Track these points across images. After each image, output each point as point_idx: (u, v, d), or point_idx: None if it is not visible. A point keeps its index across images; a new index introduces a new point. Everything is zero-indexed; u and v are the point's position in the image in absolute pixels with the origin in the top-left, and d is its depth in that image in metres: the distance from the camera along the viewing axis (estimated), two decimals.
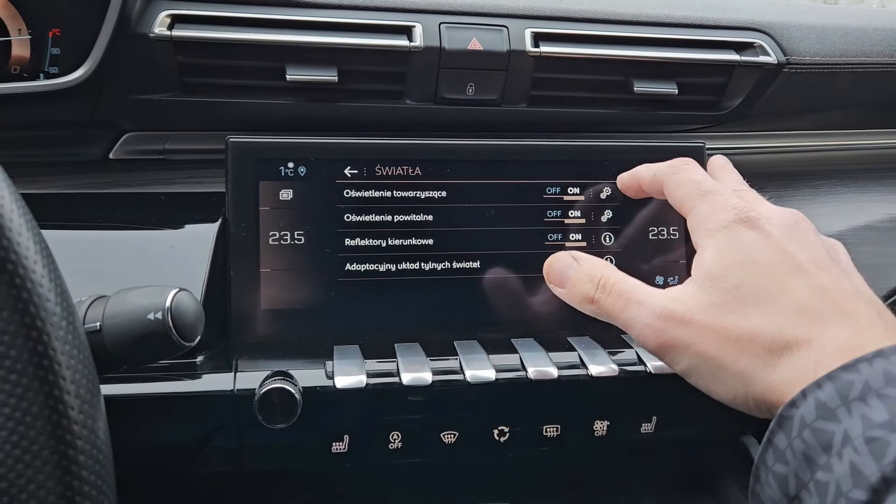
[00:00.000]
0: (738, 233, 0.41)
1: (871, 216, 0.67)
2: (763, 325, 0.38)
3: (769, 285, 0.39)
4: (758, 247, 0.40)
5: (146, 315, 0.38)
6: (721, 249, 0.41)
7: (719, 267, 0.40)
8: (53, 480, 0.26)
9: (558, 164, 0.59)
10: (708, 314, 0.39)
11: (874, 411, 0.31)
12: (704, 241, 0.42)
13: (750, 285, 0.39)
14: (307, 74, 0.57)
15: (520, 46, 0.59)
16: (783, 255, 0.40)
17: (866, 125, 0.76)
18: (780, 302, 0.38)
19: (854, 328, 0.36)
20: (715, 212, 0.43)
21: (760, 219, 0.42)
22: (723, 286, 0.39)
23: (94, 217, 0.57)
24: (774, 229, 0.41)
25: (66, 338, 0.27)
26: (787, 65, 0.65)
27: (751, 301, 0.38)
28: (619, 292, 0.43)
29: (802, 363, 0.36)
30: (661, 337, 0.40)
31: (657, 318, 0.40)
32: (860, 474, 0.30)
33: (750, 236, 0.41)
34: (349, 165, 0.56)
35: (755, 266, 0.39)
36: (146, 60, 0.55)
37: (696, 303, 0.40)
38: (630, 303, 0.42)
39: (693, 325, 0.39)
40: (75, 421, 0.26)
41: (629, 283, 0.43)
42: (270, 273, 0.55)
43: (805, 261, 0.40)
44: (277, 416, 0.47)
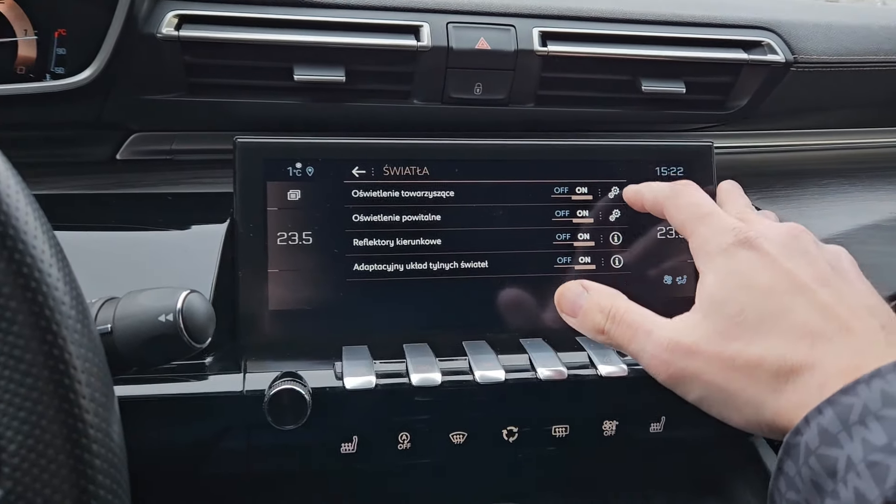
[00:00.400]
0: (736, 255, 0.41)
1: (878, 215, 0.67)
2: (767, 350, 0.38)
3: (770, 308, 0.39)
4: (757, 268, 0.40)
5: (157, 317, 0.38)
6: (721, 274, 0.41)
7: (721, 292, 0.40)
8: (69, 484, 0.26)
9: (566, 163, 0.59)
10: (713, 343, 0.39)
11: (873, 434, 0.31)
12: (705, 265, 0.43)
13: (752, 310, 0.39)
14: (315, 74, 0.57)
15: (527, 46, 0.59)
16: (782, 275, 0.40)
17: (874, 124, 0.75)
18: (781, 325, 0.38)
19: (855, 347, 0.36)
20: (714, 235, 0.43)
21: (758, 238, 0.42)
22: (726, 313, 0.40)
23: (101, 218, 0.57)
24: (773, 247, 0.41)
25: (82, 341, 0.27)
26: (794, 63, 0.65)
27: (753, 326, 0.39)
28: (629, 323, 0.43)
29: (807, 388, 0.36)
30: (670, 368, 0.40)
31: (664, 350, 0.41)
32: (864, 499, 0.30)
33: (748, 258, 0.41)
34: (357, 165, 0.56)
35: (755, 289, 0.39)
36: (153, 61, 0.55)
37: (701, 332, 0.40)
38: (638, 333, 0.42)
39: (700, 355, 0.39)
40: (91, 425, 0.26)
41: (638, 313, 0.44)
42: (279, 274, 0.54)
43: (805, 278, 0.39)
44: (287, 418, 0.47)
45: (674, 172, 0.60)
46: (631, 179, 0.60)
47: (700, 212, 0.45)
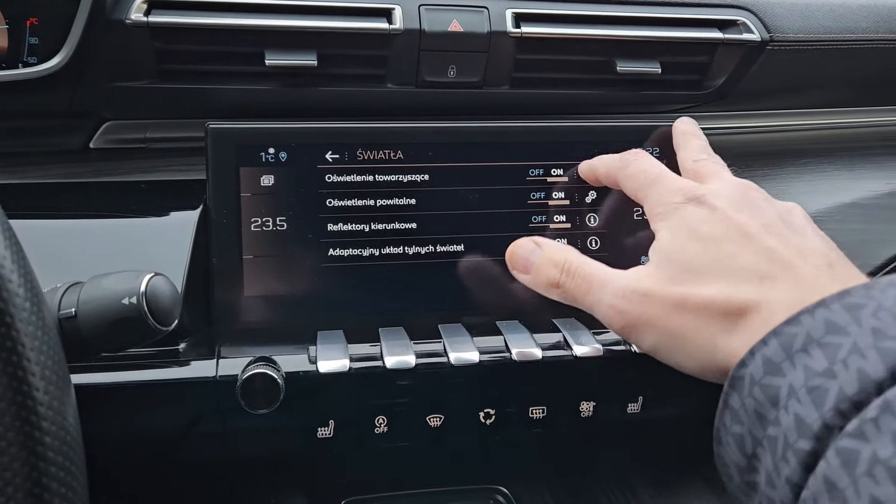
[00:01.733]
0: (685, 211, 0.43)
1: (856, 194, 0.67)
2: (716, 292, 0.39)
3: (718, 254, 0.40)
4: (705, 221, 0.42)
5: (121, 300, 0.38)
6: (672, 230, 0.43)
7: (672, 244, 0.42)
8: (19, 462, 0.25)
9: (541, 145, 0.58)
10: (666, 289, 0.40)
11: (815, 361, 0.31)
12: (658, 224, 0.44)
13: (700, 256, 0.41)
14: (286, 59, 0.57)
15: (501, 27, 0.59)
16: (730, 225, 0.41)
17: (851, 103, 0.75)
18: (729, 268, 0.39)
19: (802, 284, 0.38)
20: (664, 196, 0.45)
21: (707, 195, 0.43)
22: (676, 260, 0.41)
23: (75, 206, 0.56)
24: (721, 202, 0.42)
25: (30, 319, 0.27)
26: (770, 42, 0.65)
27: (702, 271, 0.40)
28: (583, 275, 0.44)
29: (755, 325, 0.37)
30: (626, 316, 0.41)
31: (620, 298, 0.42)
32: (803, 423, 0.30)
33: (698, 213, 0.42)
34: (330, 150, 0.56)
35: (705, 240, 0.41)
36: (123, 47, 0.55)
37: (654, 279, 0.41)
38: (593, 285, 0.43)
39: (654, 300, 0.41)
40: (41, 402, 0.26)
41: (592, 265, 0.45)
42: (253, 259, 0.54)
43: (752, 227, 0.41)
44: (260, 402, 0.47)
45: (650, 152, 0.60)
46: None
47: (649, 177, 0.47)
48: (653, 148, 0.60)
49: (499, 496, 0.61)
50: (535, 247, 0.48)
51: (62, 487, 0.27)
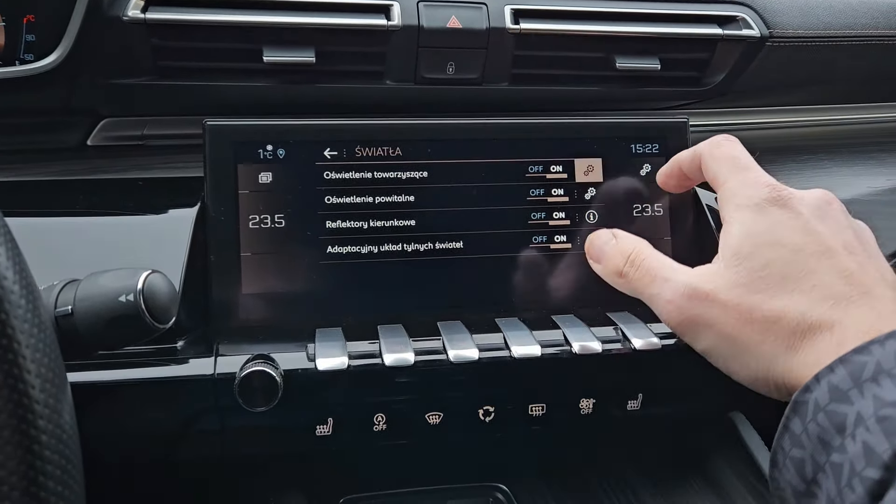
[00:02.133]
0: (768, 211, 0.41)
1: (857, 190, 0.67)
2: (788, 307, 0.37)
3: (796, 267, 0.39)
4: (787, 227, 0.40)
5: (118, 297, 0.38)
6: (749, 227, 0.41)
7: (747, 246, 0.40)
8: (15, 461, 0.25)
9: (540, 142, 0.58)
10: (733, 293, 0.39)
11: (885, 391, 0.31)
12: (733, 215, 0.42)
13: (777, 266, 0.39)
14: (284, 56, 0.56)
15: (499, 24, 0.59)
16: (812, 237, 0.39)
17: (852, 99, 0.75)
18: (806, 284, 0.38)
19: (877, 312, 0.36)
20: (747, 187, 0.43)
21: (792, 199, 0.41)
22: (750, 266, 0.39)
23: (72, 204, 0.56)
24: (805, 209, 0.41)
25: (26, 316, 0.26)
26: (770, 38, 0.64)
27: (777, 282, 0.38)
28: (647, 268, 0.44)
29: (825, 346, 0.36)
30: (684, 314, 0.40)
31: (680, 296, 0.41)
32: (873, 453, 0.30)
33: (780, 216, 0.41)
34: (329, 147, 0.55)
35: (783, 247, 0.39)
36: (120, 44, 0.54)
37: (721, 282, 0.40)
38: (656, 279, 0.42)
39: (717, 303, 0.39)
40: (37, 400, 0.26)
41: (660, 259, 0.44)
42: (251, 257, 0.54)
43: (833, 243, 0.39)
44: (258, 400, 0.47)
45: (649, 149, 0.60)
46: (606, 157, 0.59)
47: (738, 164, 0.45)
48: (652, 144, 0.60)
49: (498, 494, 0.61)
50: (611, 237, 0.48)
51: (59, 486, 0.26)
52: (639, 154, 0.60)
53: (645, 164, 0.60)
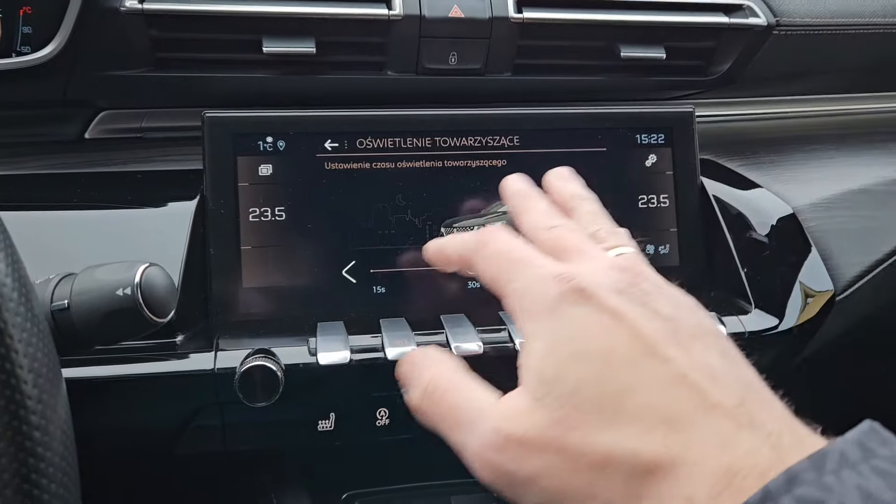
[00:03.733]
0: (565, 312, 0.31)
1: (864, 180, 0.66)
2: (614, 443, 0.28)
3: (611, 383, 0.29)
4: (591, 327, 0.31)
5: (115, 291, 0.37)
6: (549, 340, 0.31)
7: (551, 366, 0.31)
8: (7, 458, 0.25)
9: (544, 132, 0.57)
10: (549, 434, 0.29)
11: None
12: (527, 328, 0.33)
13: (589, 386, 0.29)
14: (284, 46, 0.56)
15: (502, 13, 0.58)
16: (623, 334, 0.30)
17: (859, 89, 0.74)
18: (626, 406, 0.29)
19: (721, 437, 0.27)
20: (532, 286, 0.33)
21: (587, 286, 0.32)
22: (558, 393, 0.30)
23: (70, 197, 0.55)
24: (608, 296, 0.31)
25: (18, 309, 0.26)
26: (777, 26, 0.63)
27: (594, 409, 0.29)
28: (448, 405, 0.33)
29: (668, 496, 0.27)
30: (495, 472, 0.31)
31: (489, 447, 0.31)
32: None
33: (581, 315, 0.31)
34: (329, 139, 0.55)
35: (591, 357, 0.30)
36: (118, 35, 0.54)
37: (533, 420, 0.30)
38: (459, 422, 0.33)
39: (534, 451, 0.30)
40: (29, 396, 0.25)
41: (463, 391, 0.33)
42: (251, 250, 0.53)
43: (651, 335, 0.30)
44: (258, 395, 0.47)
45: (654, 139, 0.59)
46: (611, 147, 0.59)
47: (511, 259, 0.35)
48: (657, 134, 0.59)
49: None
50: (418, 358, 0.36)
51: (52, 483, 0.26)
52: (644, 144, 0.59)
53: (650, 155, 0.59)
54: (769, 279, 0.59)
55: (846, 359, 0.71)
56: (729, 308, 0.57)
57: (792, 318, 0.57)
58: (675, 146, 0.59)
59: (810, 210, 0.63)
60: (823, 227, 0.62)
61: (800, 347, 0.60)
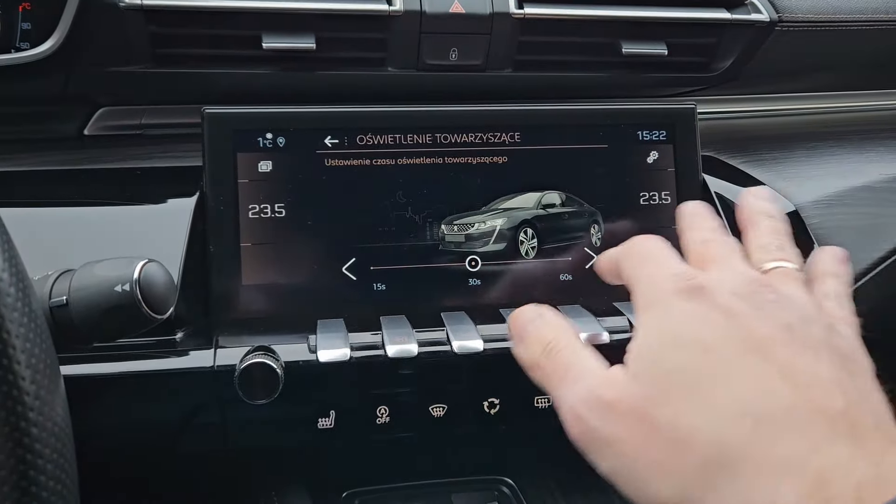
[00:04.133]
0: (676, 305, 0.33)
1: (867, 177, 0.66)
2: (699, 425, 0.29)
3: (709, 370, 0.30)
4: (699, 320, 0.32)
5: (113, 287, 0.37)
6: (654, 327, 0.33)
7: (653, 349, 0.33)
8: (4, 454, 0.24)
9: (545, 128, 0.57)
10: (637, 405, 0.31)
11: None
12: (640, 317, 0.35)
13: (687, 371, 0.31)
14: (284, 42, 0.55)
15: (503, 8, 0.58)
16: (731, 329, 0.31)
17: (863, 86, 0.74)
18: (719, 394, 0.29)
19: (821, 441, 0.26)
20: (654, 283, 0.35)
21: (706, 286, 0.33)
22: (654, 372, 0.32)
23: (69, 194, 0.55)
24: (723, 296, 0.33)
25: (16, 305, 0.25)
26: (779, 23, 0.63)
27: (687, 392, 0.30)
28: (562, 362, 0.36)
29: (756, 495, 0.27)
30: (581, 426, 0.33)
31: (582, 403, 0.33)
32: None
33: (691, 309, 0.33)
34: (329, 135, 0.54)
35: (693, 346, 0.31)
36: (117, 31, 0.53)
37: (626, 390, 0.32)
38: (566, 378, 0.35)
39: (619, 416, 0.32)
40: (27, 392, 0.25)
41: (578, 352, 0.36)
42: (251, 247, 0.53)
43: (764, 334, 0.30)
44: (258, 392, 0.46)
45: (656, 136, 0.59)
46: (612, 144, 0.58)
47: (644, 256, 0.37)
48: (659, 131, 0.59)
49: (504, 487, 0.60)
50: (536, 316, 0.39)
51: (50, 480, 0.26)
52: (646, 141, 0.59)
53: (652, 152, 0.59)
54: None
55: None
56: None
57: None
58: (676, 143, 0.59)
59: (813, 207, 0.63)
60: (826, 225, 0.62)
61: None
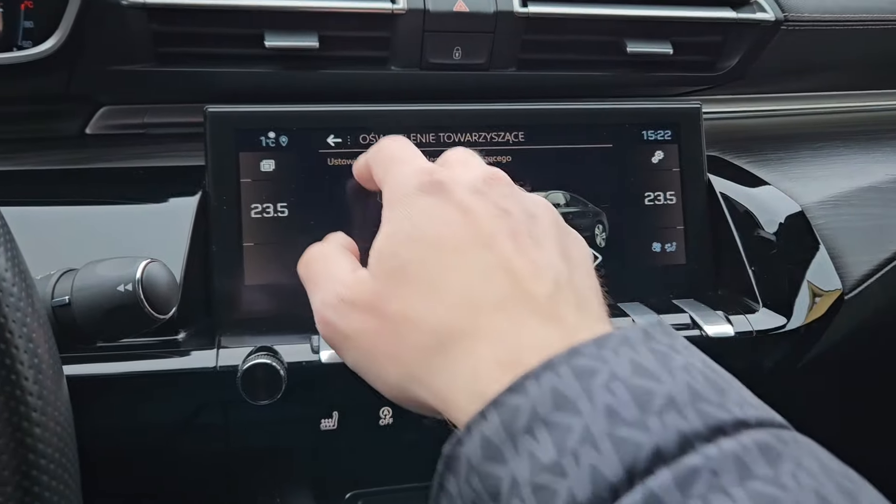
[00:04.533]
0: (416, 202, 0.34)
1: (874, 178, 0.65)
2: (425, 313, 0.32)
3: (437, 264, 0.32)
4: (433, 216, 0.33)
5: (116, 287, 0.36)
6: (394, 224, 0.35)
7: (388, 246, 0.34)
8: (8, 454, 0.24)
9: (549, 128, 0.57)
10: (372, 300, 0.34)
11: (542, 448, 0.25)
12: (384, 216, 0.36)
13: (416, 265, 0.33)
14: (286, 41, 0.55)
15: (507, 7, 0.57)
16: (460, 224, 0.33)
17: (869, 85, 0.73)
18: (445, 285, 0.32)
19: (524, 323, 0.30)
20: (400, 180, 0.36)
21: (448, 182, 0.34)
22: (388, 268, 0.34)
23: (71, 194, 0.55)
24: (459, 192, 0.34)
25: (18, 304, 0.25)
26: (785, 22, 0.63)
27: (415, 285, 0.32)
28: (315, 272, 0.38)
29: (459, 367, 0.30)
30: (326, 327, 0.36)
31: (327, 307, 0.36)
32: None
33: (429, 205, 0.34)
34: (332, 134, 0.54)
35: (424, 241, 0.33)
36: (120, 29, 0.53)
37: (363, 288, 0.34)
38: (318, 285, 0.37)
39: (357, 313, 0.34)
40: (30, 392, 0.25)
41: (328, 259, 0.38)
42: (253, 247, 0.53)
43: (488, 227, 0.33)
44: (261, 393, 0.46)
45: (661, 136, 0.59)
46: (617, 144, 0.58)
47: (395, 159, 0.38)
48: (664, 131, 0.58)
49: None
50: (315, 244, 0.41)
51: (53, 480, 0.25)
52: (650, 141, 0.59)
53: (657, 151, 0.59)
54: (777, 277, 0.58)
55: (852, 357, 0.71)
56: (736, 307, 0.56)
57: (800, 317, 0.56)
58: (681, 143, 0.59)
59: (819, 208, 0.62)
60: (832, 225, 0.62)
61: (807, 346, 0.59)
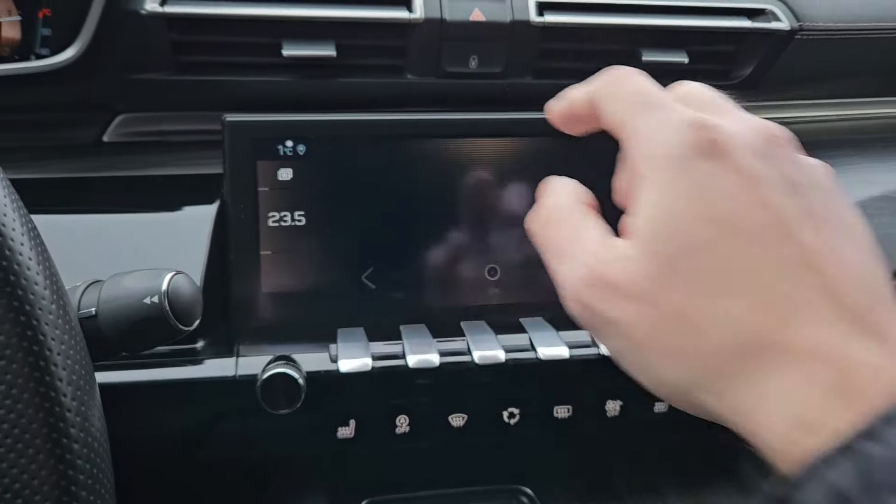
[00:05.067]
0: (696, 167, 0.28)
1: (888, 186, 0.65)
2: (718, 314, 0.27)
3: (729, 251, 0.27)
4: (719, 188, 0.28)
5: (142, 299, 0.37)
6: (671, 193, 0.28)
7: (668, 221, 0.28)
8: (47, 470, 0.24)
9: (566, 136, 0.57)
10: (647, 288, 0.28)
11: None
12: (648, 175, 0.29)
13: (706, 252, 0.27)
14: (304, 50, 0.55)
15: (523, 16, 0.57)
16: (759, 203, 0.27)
17: (883, 93, 0.73)
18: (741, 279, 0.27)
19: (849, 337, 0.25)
20: (662, 133, 0.29)
21: (729, 141, 0.28)
22: (670, 251, 0.28)
23: (89, 202, 0.55)
24: (747, 158, 0.28)
25: (57, 322, 0.25)
26: (800, 31, 0.63)
27: (704, 275, 0.27)
28: (562, 235, 0.31)
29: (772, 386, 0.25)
30: (582, 309, 0.30)
31: (582, 283, 0.29)
32: None
33: (712, 172, 0.28)
34: (349, 143, 0.54)
35: (715, 221, 0.27)
36: (139, 38, 0.53)
37: (632, 269, 0.28)
38: (565, 253, 0.31)
39: (625, 299, 0.28)
40: (68, 408, 0.25)
41: (577, 223, 0.31)
42: (271, 255, 0.53)
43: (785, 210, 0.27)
44: (281, 402, 0.46)
45: None
46: None
47: (645, 100, 0.31)
48: None
49: (523, 497, 0.60)
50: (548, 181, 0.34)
51: (90, 495, 0.26)
52: None
53: None
54: None
55: None
56: None
57: None
58: None
59: None
60: None
61: None
